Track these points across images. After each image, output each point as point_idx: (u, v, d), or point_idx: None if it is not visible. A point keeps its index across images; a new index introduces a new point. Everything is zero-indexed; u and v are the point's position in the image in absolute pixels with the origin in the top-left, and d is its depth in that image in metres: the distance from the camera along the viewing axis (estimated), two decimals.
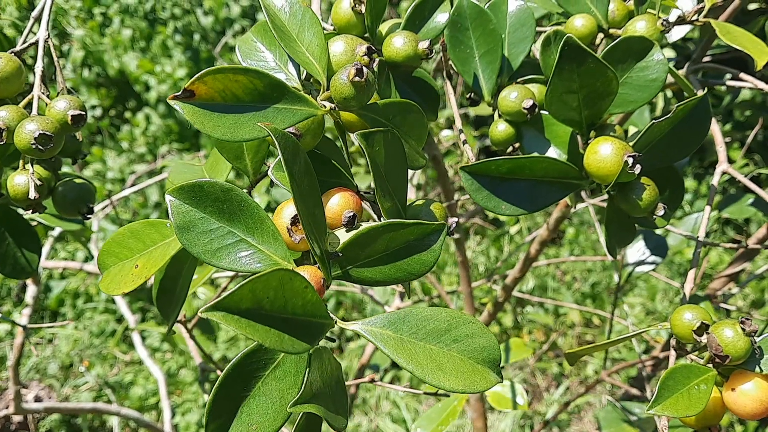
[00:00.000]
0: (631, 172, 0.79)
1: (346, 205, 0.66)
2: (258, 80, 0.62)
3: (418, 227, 0.60)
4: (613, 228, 0.94)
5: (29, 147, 0.76)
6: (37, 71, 0.83)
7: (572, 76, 0.79)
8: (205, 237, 0.60)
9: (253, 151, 0.79)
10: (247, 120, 0.62)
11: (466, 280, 1.77)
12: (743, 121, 3.19)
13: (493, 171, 0.80)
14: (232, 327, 0.49)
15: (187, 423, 3.57)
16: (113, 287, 0.75)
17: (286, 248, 0.61)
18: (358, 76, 0.64)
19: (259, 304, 0.51)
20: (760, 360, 0.75)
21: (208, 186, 0.60)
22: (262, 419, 0.57)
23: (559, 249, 4.68)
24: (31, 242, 0.94)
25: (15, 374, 1.97)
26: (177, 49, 5.29)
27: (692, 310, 0.77)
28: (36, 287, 2.07)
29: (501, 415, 3.70)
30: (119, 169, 4.79)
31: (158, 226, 0.76)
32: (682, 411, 0.70)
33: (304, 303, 0.55)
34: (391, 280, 0.62)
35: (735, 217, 1.65)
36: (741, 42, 0.93)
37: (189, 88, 0.60)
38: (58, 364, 3.89)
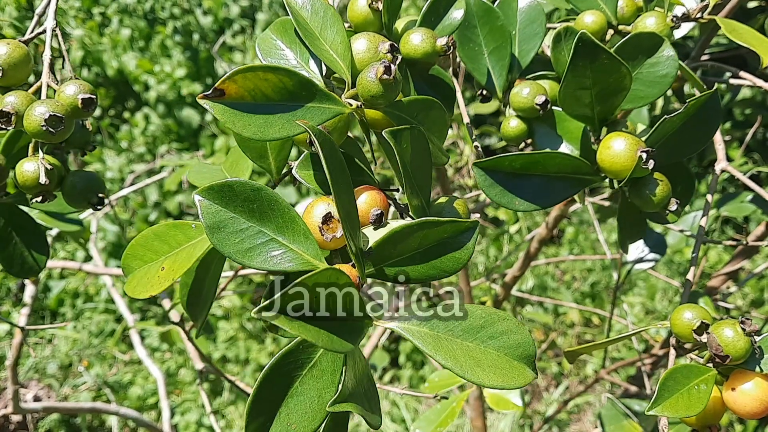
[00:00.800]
0: (645, 167, 0.79)
1: (374, 203, 0.66)
2: (287, 78, 0.62)
3: (452, 225, 0.60)
4: (625, 223, 0.95)
5: (39, 130, 0.74)
6: (46, 59, 0.83)
7: (585, 72, 0.80)
8: (235, 237, 0.60)
9: (277, 150, 0.79)
10: (277, 119, 0.62)
11: (465, 278, 1.77)
12: (742, 120, 3.20)
13: (506, 167, 0.80)
14: (287, 327, 0.49)
15: (186, 423, 3.57)
16: (139, 290, 0.74)
17: (317, 247, 0.61)
18: (386, 74, 0.64)
19: (309, 305, 0.51)
20: (760, 360, 0.76)
21: (239, 186, 0.60)
22: (300, 419, 0.57)
23: (558, 248, 4.69)
24: (38, 242, 0.94)
25: (13, 374, 1.96)
26: (176, 49, 5.29)
27: (692, 310, 0.78)
28: (34, 287, 2.07)
29: (500, 414, 3.70)
30: (118, 168, 4.78)
31: (183, 228, 0.76)
32: (682, 411, 0.71)
33: (347, 302, 0.55)
34: (424, 278, 0.62)
35: (734, 215, 1.65)
36: (746, 39, 0.93)
37: (219, 87, 0.60)
38: (57, 364, 3.88)
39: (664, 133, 0.85)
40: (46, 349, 3.97)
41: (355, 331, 0.56)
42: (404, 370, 3.94)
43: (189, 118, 5.04)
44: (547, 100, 0.88)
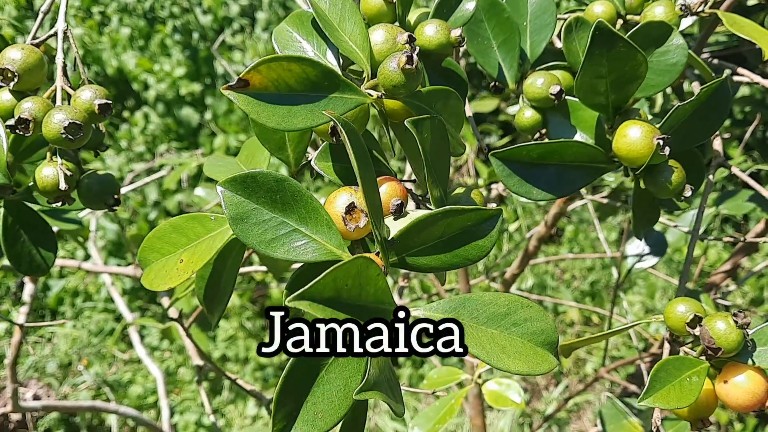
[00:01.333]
0: (663, 154, 0.80)
1: (394, 194, 0.66)
2: (311, 69, 0.62)
3: (476, 213, 0.61)
4: (639, 210, 0.95)
5: (59, 137, 0.75)
6: (59, 63, 0.83)
7: (602, 60, 0.80)
8: (258, 228, 0.60)
9: (296, 142, 0.79)
10: (300, 109, 0.63)
11: (464, 277, 1.77)
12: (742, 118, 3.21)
13: (524, 156, 0.81)
14: (318, 314, 0.49)
15: (185, 422, 3.57)
16: (158, 282, 0.75)
17: (340, 237, 0.61)
18: (408, 64, 0.64)
19: (339, 292, 0.52)
20: (752, 352, 0.76)
21: (261, 177, 0.60)
22: (327, 407, 0.58)
23: (558, 247, 4.69)
24: (46, 240, 0.94)
25: (13, 372, 1.96)
26: (176, 48, 5.28)
27: (686, 303, 0.78)
28: (33, 285, 2.06)
29: (500, 413, 3.71)
30: (118, 167, 4.78)
31: (202, 220, 0.76)
32: (673, 402, 0.71)
33: (375, 290, 0.55)
34: (447, 266, 0.63)
35: (732, 212, 1.65)
36: (748, 32, 0.94)
37: (244, 78, 0.60)
38: (57, 363, 3.88)
39: (677, 121, 0.85)
40: (46, 348, 3.97)
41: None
42: (404, 369, 3.95)
43: (188, 117, 5.03)
44: (561, 89, 0.89)
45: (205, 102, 5.12)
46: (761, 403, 0.74)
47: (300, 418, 0.57)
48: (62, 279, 4.28)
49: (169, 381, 3.76)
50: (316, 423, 0.56)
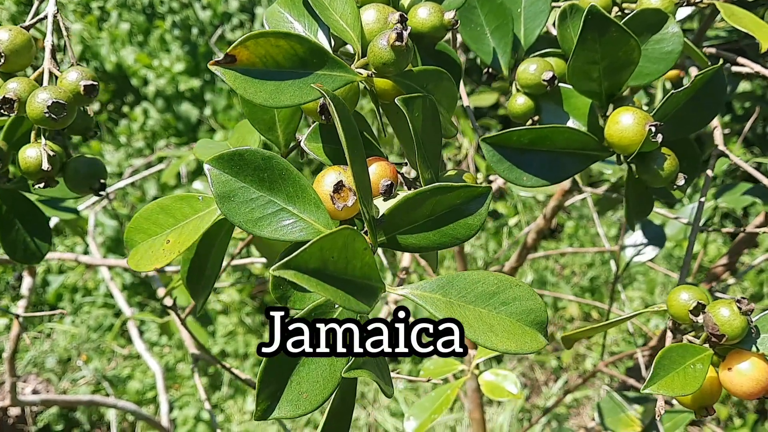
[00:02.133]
0: (654, 140, 0.79)
1: (384, 174, 0.66)
2: (299, 45, 0.62)
3: (465, 190, 0.60)
4: (632, 200, 0.95)
5: (42, 116, 0.74)
6: (47, 45, 0.82)
7: (595, 46, 0.79)
8: (245, 206, 0.60)
9: (285, 122, 0.79)
10: (288, 86, 0.62)
11: (463, 269, 1.77)
12: (742, 114, 3.20)
13: (514, 142, 0.80)
14: (303, 284, 0.48)
15: (185, 417, 3.57)
16: (143, 263, 0.74)
17: (328, 216, 0.61)
18: (398, 41, 0.63)
19: (325, 264, 0.51)
20: (756, 339, 0.75)
21: (249, 154, 0.60)
22: (312, 387, 0.57)
23: (558, 243, 4.69)
24: (40, 228, 0.94)
25: (11, 366, 1.95)
26: (175, 44, 5.28)
27: (689, 291, 0.78)
28: (32, 279, 2.06)
29: (499, 408, 3.71)
30: (117, 163, 4.77)
31: (190, 200, 0.75)
32: (677, 390, 0.70)
33: (362, 265, 0.54)
34: (436, 246, 0.62)
35: (731, 206, 1.65)
36: (745, 24, 0.93)
37: (231, 53, 0.60)
38: (56, 358, 3.88)
39: (671, 108, 0.85)
40: (45, 344, 3.97)
41: (370, 294, 0.55)
42: (403, 364, 3.94)
43: (188, 113, 5.03)
44: (554, 76, 0.88)
45: (205, 98, 5.12)
46: (765, 390, 0.73)
47: (284, 398, 0.56)
48: (61, 274, 4.28)
49: (168, 376, 3.76)
50: (301, 403, 0.56)
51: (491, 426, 3.61)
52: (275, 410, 0.56)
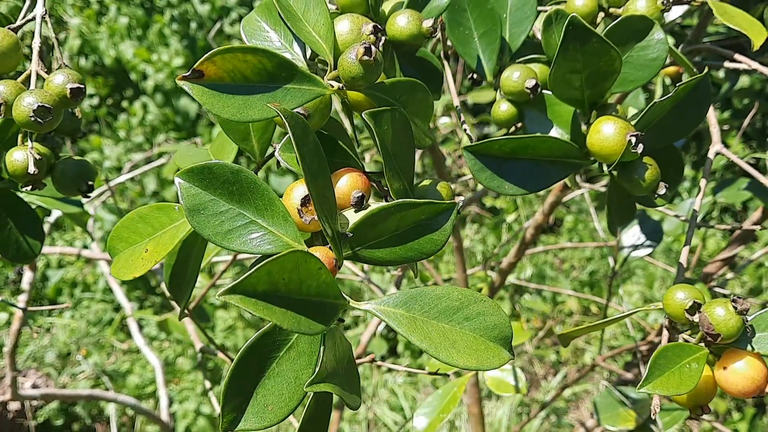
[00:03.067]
0: (634, 151, 0.79)
1: (355, 186, 0.66)
2: (267, 60, 0.62)
3: (428, 206, 0.60)
4: (615, 207, 0.95)
5: (28, 120, 0.74)
6: (35, 47, 0.82)
7: (576, 55, 0.79)
8: (215, 219, 0.60)
9: (260, 132, 0.79)
10: (256, 100, 0.62)
11: (461, 266, 1.77)
12: (741, 109, 3.19)
13: (496, 150, 0.81)
14: (250, 309, 0.49)
15: (184, 411, 3.58)
16: (124, 272, 0.75)
17: (296, 229, 0.61)
18: (366, 55, 0.63)
19: (275, 286, 0.51)
20: (751, 338, 0.75)
21: (218, 168, 0.60)
22: (277, 400, 0.58)
23: (557, 238, 4.69)
24: (32, 227, 0.94)
25: (12, 361, 1.96)
26: (174, 38, 5.27)
27: (685, 290, 0.78)
28: (32, 273, 2.07)
29: (498, 402, 3.71)
30: (116, 158, 4.78)
31: (166, 210, 0.76)
32: (673, 389, 0.70)
33: (318, 284, 0.55)
34: (402, 260, 0.62)
35: (730, 201, 1.65)
36: (737, 22, 0.93)
37: (198, 69, 0.60)
38: (56, 353, 3.89)
39: (654, 117, 0.84)
40: (45, 338, 3.98)
41: (327, 313, 0.56)
42: (402, 359, 3.95)
43: (187, 108, 5.03)
44: (537, 84, 0.88)
45: None
46: (760, 389, 0.73)
47: (249, 410, 0.57)
48: (61, 269, 4.29)
49: (167, 371, 3.77)
50: (266, 415, 0.56)
51: (490, 420, 3.62)
52: (240, 422, 0.57)
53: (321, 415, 0.65)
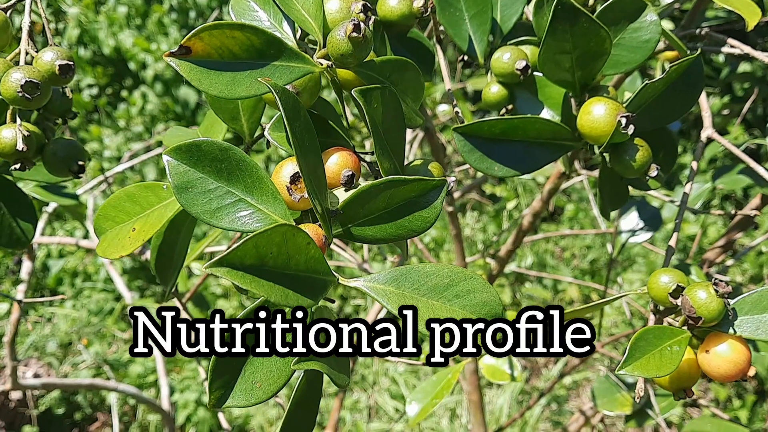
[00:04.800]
0: (624, 132, 0.79)
1: (345, 164, 0.65)
2: (255, 36, 0.62)
3: (419, 183, 0.60)
4: (607, 190, 0.94)
5: (15, 96, 0.74)
6: (25, 26, 0.82)
7: (565, 36, 0.79)
8: (203, 197, 0.60)
9: (249, 111, 0.78)
10: (244, 77, 0.62)
11: (460, 254, 1.77)
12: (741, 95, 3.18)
13: (485, 132, 0.80)
14: (237, 282, 0.48)
15: (185, 401, 3.58)
16: (111, 251, 0.74)
17: (285, 207, 0.61)
18: (355, 32, 0.63)
19: (263, 260, 0.51)
20: (733, 322, 0.75)
21: (206, 145, 0.60)
22: (265, 377, 0.57)
23: (558, 226, 4.68)
24: (26, 213, 0.93)
25: (12, 350, 1.96)
26: (173, 27, 5.26)
27: (669, 273, 0.78)
28: (31, 263, 2.07)
29: (499, 390, 3.72)
30: (116, 147, 4.78)
31: (155, 189, 0.75)
32: (653, 371, 0.70)
33: (306, 259, 0.54)
34: (392, 238, 0.62)
35: (729, 187, 1.64)
36: (731, 2, 0.92)
37: (185, 45, 0.60)
38: (57, 343, 3.90)
39: (646, 99, 0.84)
40: (46, 328, 3.98)
41: (315, 288, 0.56)
42: None
43: (186, 97, 5.02)
44: (527, 65, 0.88)
45: None
46: (743, 373, 0.73)
47: (237, 387, 0.57)
48: (61, 259, 4.29)
49: (168, 360, 3.78)
50: (254, 392, 0.56)
51: (491, 408, 3.62)
52: (229, 399, 0.57)
53: (311, 395, 0.65)
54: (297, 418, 0.63)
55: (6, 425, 3.48)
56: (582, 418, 2.04)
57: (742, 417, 3.45)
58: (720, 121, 2.91)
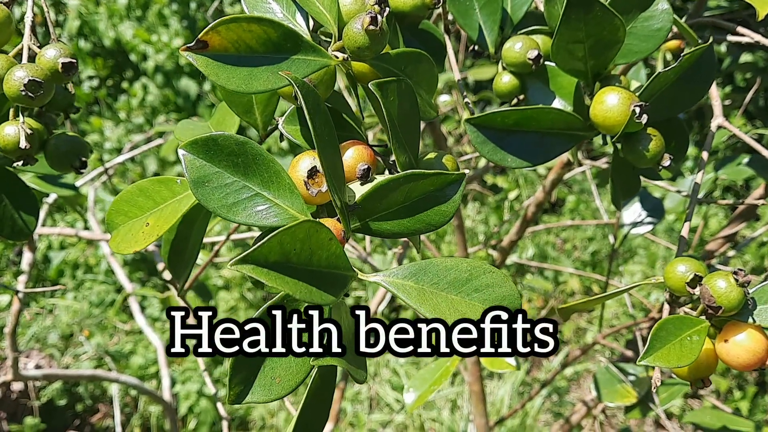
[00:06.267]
0: (638, 121, 0.78)
1: (360, 158, 0.65)
2: (272, 30, 0.61)
3: (438, 177, 0.60)
4: (619, 180, 0.94)
5: (19, 94, 0.74)
6: (27, 21, 0.81)
7: (579, 24, 0.78)
8: (220, 191, 0.59)
9: (263, 104, 0.78)
10: (262, 71, 0.61)
11: (462, 244, 1.77)
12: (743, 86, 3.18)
13: (498, 123, 0.80)
14: (262, 279, 0.48)
15: (187, 392, 3.59)
16: (124, 246, 0.74)
17: (302, 202, 0.60)
18: (372, 25, 0.63)
19: (287, 257, 0.51)
20: (753, 311, 0.75)
21: (223, 139, 0.59)
22: (285, 373, 0.57)
23: (559, 218, 4.68)
24: (28, 204, 0.93)
25: (12, 341, 1.96)
26: (173, 18, 5.24)
27: (686, 263, 0.77)
28: (32, 254, 2.06)
29: (500, 381, 3.73)
30: (117, 139, 4.77)
31: (168, 183, 0.75)
32: (674, 361, 0.70)
33: (328, 255, 0.54)
34: (410, 232, 0.62)
35: (731, 177, 1.64)
36: None
37: (202, 39, 0.59)
38: (59, 334, 3.90)
39: (659, 88, 0.83)
40: (47, 319, 3.99)
41: (337, 284, 0.55)
42: None
43: (187, 88, 5.01)
44: (539, 54, 0.87)
45: None
46: (761, 362, 0.73)
47: (257, 383, 0.56)
48: (63, 250, 4.29)
49: None
50: (273, 388, 0.56)
51: (492, 399, 3.63)
52: (248, 395, 0.56)
53: (325, 390, 0.65)
54: (311, 412, 0.63)
55: (8, 416, 3.49)
56: (584, 409, 2.04)
57: (743, 408, 3.45)
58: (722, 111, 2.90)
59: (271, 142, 4.46)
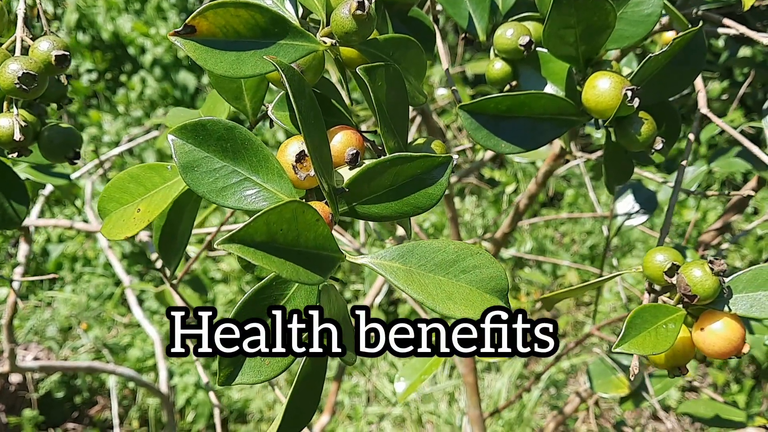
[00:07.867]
0: (630, 105, 0.79)
1: (349, 143, 0.65)
2: (259, 15, 0.61)
3: (425, 160, 0.60)
4: (611, 165, 0.95)
5: (13, 87, 0.74)
6: (20, 13, 0.82)
7: (570, 10, 0.79)
8: (209, 176, 0.60)
9: (252, 91, 0.78)
10: (249, 56, 0.62)
11: (456, 237, 1.77)
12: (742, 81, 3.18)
13: (492, 109, 0.80)
14: (248, 258, 0.49)
15: (185, 384, 3.60)
16: (115, 232, 0.74)
17: (291, 186, 0.61)
18: (359, 9, 0.63)
19: (273, 237, 0.51)
20: (728, 300, 0.76)
21: (211, 124, 0.60)
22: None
23: (558, 212, 4.69)
24: (18, 193, 0.93)
25: (9, 333, 1.96)
26: (172, 11, 5.24)
27: (664, 252, 0.78)
28: (28, 246, 2.06)
29: (497, 374, 3.73)
30: (115, 132, 4.77)
31: (159, 170, 0.75)
32: (649, 349, 0.71)
33: (315, 236, 0.55)
34: (398, 215, 0.62)
35: (725, 170, 1.64)
36: None
37: (190, 24, 0.59)
38: (57, 327, 3.90)
39: (649, 72, 0.84)
40: (46, 312, 3.99)
41: (324, 265, 0.56)
42: None
43: (185, 81, 5.01)
44: (531, 40, 0.87)
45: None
46: (737, 350, 0.74)
47: (247, 365, 0.57)
48: (61, 244, 4.30)
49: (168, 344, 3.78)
50: (263, 369, 0.57)
51: (489, 392, 3.64)
52: (238, 376, 0.57)
53: (316, 373, 0.65)
54: (300, 398, 0.64)
55: (6, 408, 3.50)
56: (577, 400, 2.05)
57: (740, 401, 3.46)
58: (719, 106, 2.91)
59: (268, 136, 4.46)
